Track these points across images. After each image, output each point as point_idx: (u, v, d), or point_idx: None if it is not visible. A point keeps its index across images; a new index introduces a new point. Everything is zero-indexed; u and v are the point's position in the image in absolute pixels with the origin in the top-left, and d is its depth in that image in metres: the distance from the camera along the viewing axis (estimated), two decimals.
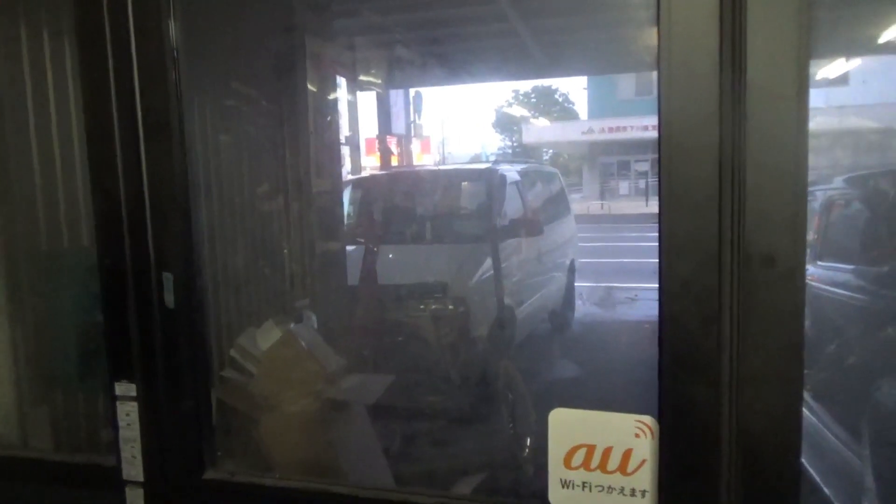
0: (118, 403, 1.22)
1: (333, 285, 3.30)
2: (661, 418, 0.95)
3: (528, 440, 3.27)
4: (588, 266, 7.50)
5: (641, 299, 7.30)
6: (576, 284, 6.47)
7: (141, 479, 1.23)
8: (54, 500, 1.36)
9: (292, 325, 2.40)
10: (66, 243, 1.98)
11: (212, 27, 1.76)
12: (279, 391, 2.12)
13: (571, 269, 6.37)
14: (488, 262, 4.64)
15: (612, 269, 8.58)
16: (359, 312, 3.64)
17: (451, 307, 4.27)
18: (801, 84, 0.86)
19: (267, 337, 2.23)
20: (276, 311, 2.63)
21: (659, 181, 0.92)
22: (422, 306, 4.17)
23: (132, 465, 1.23)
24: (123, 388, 1.21)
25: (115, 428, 1.22)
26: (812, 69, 0.88)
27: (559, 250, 6.15)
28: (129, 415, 1.21)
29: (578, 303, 6.56)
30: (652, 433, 0.96)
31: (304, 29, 3.20)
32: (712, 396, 0.91)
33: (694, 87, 0.90)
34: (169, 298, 1.16)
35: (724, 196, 0.89)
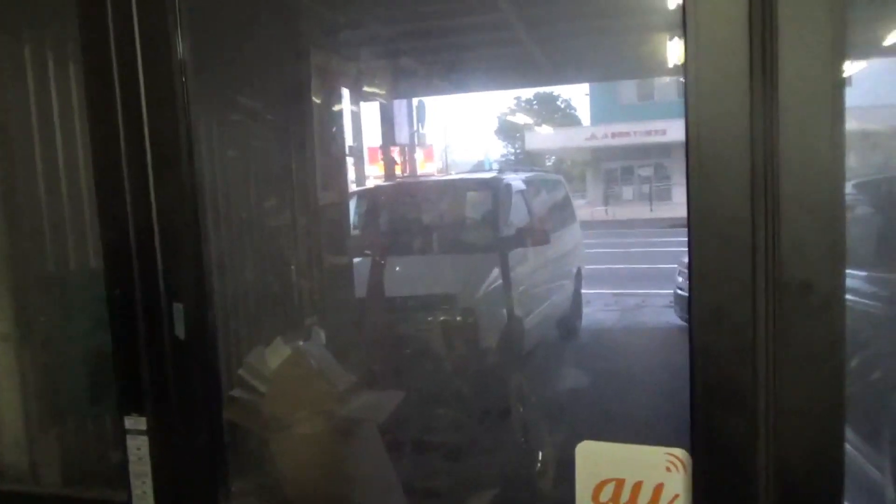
0: (128, 437, 1.19)
1: (341, 300, 3.27)
2: (693, 452, 0.91)
3: (541, 453, 3.23)
4: (594, 273, 7.48)
5: (649, 305, 7.28)
6: (583, 291, 6.45)
7: None
8: None
9: (301, 343, 2.36)
10: (73, 266, 1.96)
11: (216, 43, 1.74)
12: (289, 410, 2.09)
13: (578, 277, 6.35)
14: (495, 272, 4.62)
15: (618, 276, 8.55)
16: (367, 326, 3.62)
17: (459, 318, 4.24)
18: (836, 103, 0.83)
19: (276, 355, 2.19)
20: (285, 328, 2.61)
21: (688, 206, 0.89)
22: (430, 318, 4.15)
23: (143, 501, 1.20)
24: (133, 422, 1.18)
25: (126, 463, 1.19)
26: None
27: (565, 258, 6.13)
28: (139, 449, 1.18)
29: (586, 310, 6.54)
30: (684, 467, 0.93)
31: (309, 41, 3.19)
32: (748, 430, 0.87)
33: (723, 106, 0.87)
34: (180, 329, 1.13)
35: (756, 221, 0.86)
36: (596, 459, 0.97)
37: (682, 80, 0.92)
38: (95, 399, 1.85)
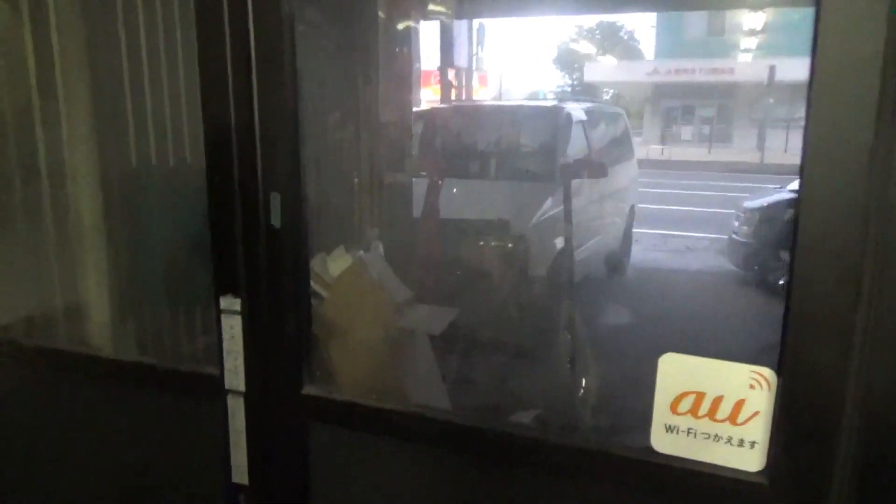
0: (223, 317, 1.26)
1: (400, 216, 3.31)
2: (780, 372, 0.93)
3: (584, 380, 3.30)
4: (645, 212, 7.36)
5: (699, 249, 7.17)
6: (633, 230, 6.37)
7: (242, 389, 1.28)
8: (157, 403, 1.43)
9: (362, 253, 2.42)
10: (154, 161, 2.02)
11: None
12: (348, 317, 2.15)
13: (631, 214, 6.26)
14: (549, 201, 4.59)
15: (670, 217, 8.41)
16: (422, 245, 3.66)
17: (510, 245, 4.26)
18: None
19: (337, 263, 2.25)
20: (347, 238, 2.66)
21: (805, 130, 0.86)
22: (481, 242, 4.18)
23: (234, 376, 1.28)
24: (228, 303, 1.24)
25: (220, 340, 1.27)
26: None
27: (620, 194, 6.03)
28: (232, 328, 1.25)
29: (634, 248, 6.48)
30: (769, 386, 0.94)
31: None
32: (841, 357, 0.88)
33: (853, 36, 0.83)
34: (276, 218, 1.18)
35: (878, 143, 0.83)
36: (678, 372, 0.99)
37: (757, 12, 0.87)
38: (177, 288, 1.95)
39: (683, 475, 0.99)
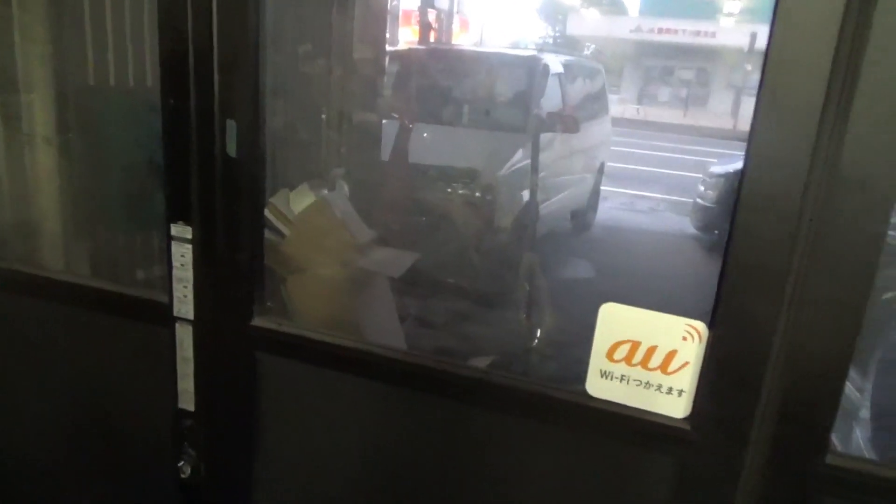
0: (173, 244, 1.24)
1: (367, 157, 3.27)
2: (712, 326, 0.96)
3: (539, 330, 3.38)
4: (615, 170, 7.41)
5: (665, 211, 7.27)
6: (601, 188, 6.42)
7: (191, 317, 1.28)
8: (106, 327, 1.43)
9: (326, 192, 2.40)
10: (113, 82, 1.95)
11: None
12: (309, 255, 2.15)
13: (600, 171, 6.30)
14: (519, 153, 4.58)
15: (638, 177, 8.47)
16: (389, 188, 3.64)
17: (477, 194, 4.27)
18: None
19: (300, 200, 2.23)
20: (311, 175, 2.63)
21: (760, 83, 0.87)
22: (449, 190, 4.18)
23: (183, 304, 1.28)
24: (180, 230, 1.23)
25: (169, 267, 1.26)
26: None
27: (592, 150, 6.05)
28: (183, 256, 1.24)
29: (601, 206, 6.54)
30: (700, 338, 0.98)
31: None
32: (770, 312, 0.92)
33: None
34: (231, 146, 1.16)
35: (826, 114, 0.85)
36: (617, 321, 1.02)
37: None
38: (133, 212, 1.92)
39: (614, 419, 1.04)
